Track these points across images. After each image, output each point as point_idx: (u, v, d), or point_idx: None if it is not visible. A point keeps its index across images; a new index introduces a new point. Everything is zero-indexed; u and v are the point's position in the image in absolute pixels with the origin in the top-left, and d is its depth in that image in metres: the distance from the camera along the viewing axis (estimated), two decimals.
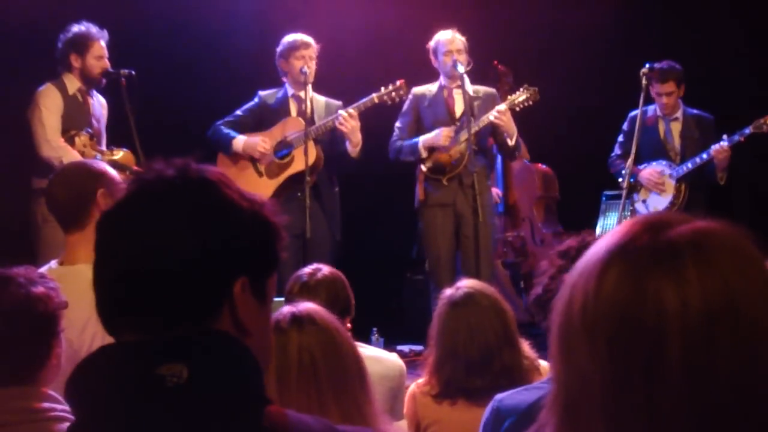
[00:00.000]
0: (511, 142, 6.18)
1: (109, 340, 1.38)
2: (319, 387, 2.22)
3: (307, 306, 2.37)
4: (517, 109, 6.20)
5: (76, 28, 5.78)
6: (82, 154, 5.65)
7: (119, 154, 5.81)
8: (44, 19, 6.18)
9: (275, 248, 1.40)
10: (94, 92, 5.93)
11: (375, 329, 7.07)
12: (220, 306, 1.32)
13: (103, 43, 5.82)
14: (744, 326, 1.02)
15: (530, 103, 6.22)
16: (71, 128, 5.72)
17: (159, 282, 1.29)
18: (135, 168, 5.67)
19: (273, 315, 2.42)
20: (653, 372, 1.02)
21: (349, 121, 5.95)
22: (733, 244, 1.07)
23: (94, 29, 5.80)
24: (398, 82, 6.11)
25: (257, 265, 1.37)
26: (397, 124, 6.37)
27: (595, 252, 1.09)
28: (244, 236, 1.35)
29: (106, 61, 5.82)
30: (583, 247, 2.53)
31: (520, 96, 6.21)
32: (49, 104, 5.69)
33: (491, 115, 6.04)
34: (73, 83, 5.80)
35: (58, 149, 5.59)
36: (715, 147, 6.35)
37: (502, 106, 6.09)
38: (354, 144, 6.04)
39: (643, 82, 6.30)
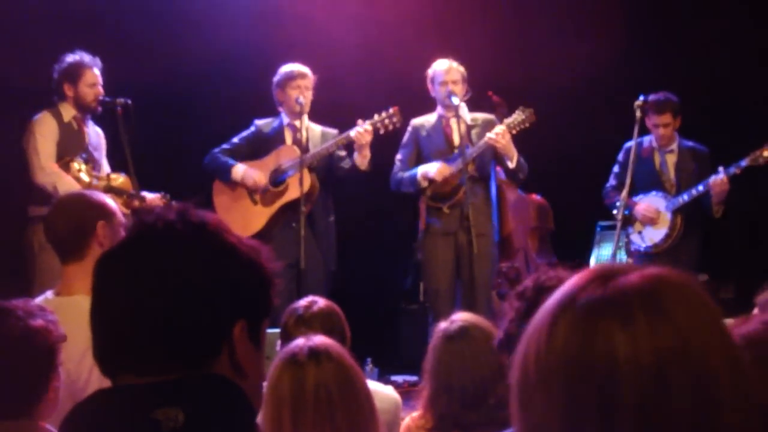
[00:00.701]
0: (511, 165, 6.14)
1: None
2: (334, 423, 2.21)
3: (322, 340, 2.37)
4: (514, 132, 6.13)
5: (70, 58, 5.85)
6: (78, 179, 5.67)
7: (118, 180, 5.83)
8: (40, 50, 6.21)
9: (270, 294, 1.41)
10: (90, 122, 5.96)
11: (369, 359, 7.04)
12: (219, 348, 1.33)
13: (96, 71, 5.86)
14: (696, 371, 1.03)
15: (527, 125, 6.15)
16: (66, 155, 5.75)
17: (160, 324, 1.29)
18: (132, 191, 5.69)
19: (288, 347, 2.42)
20: (608, 418, 1.03)
21: (364, 136, 5.96)
22: (682, 290, 1.09)
23: (87, 58, 5.85)
24: (391, 109, 6.11)
25: (255, 308, 1.38)
26: (398, 156, 6.37)
27: (547, 305, 1.11)
28: (244, 280, 1.36)
29: (100, 88, 5.86)
30: (539, 287, 2.53)
31: (518, 118, 6.15)
32: (44, 131, 5.74)
33: (487, 138, 6.02)
34: (68, 111, 5.85)
35: (52, 175, 5.62)
36: (713, 178, 6.32)
37: (500, 128, 6.05)
38: (363, 156, 6.04)
39: (637, 114, 6.29)
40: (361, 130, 5.98)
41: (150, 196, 5.83)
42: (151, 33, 7.14)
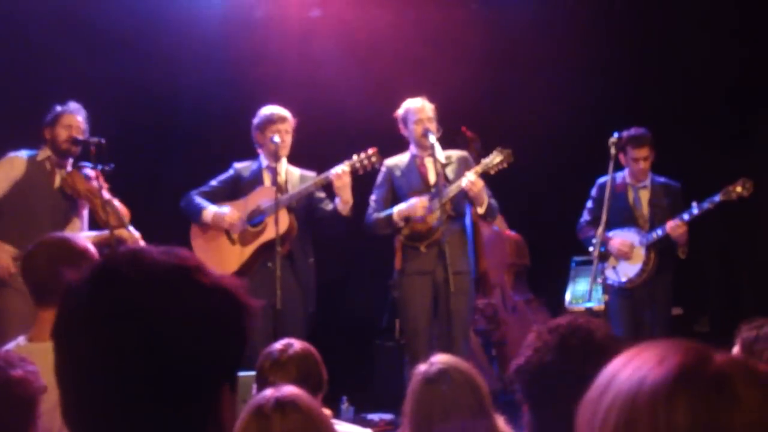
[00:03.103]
0: (481, 211, 6.10)
1: None
2: None
3: (290, 390, 2.33)
4: (492, 172, 6.11)
5: (58, 107, 5.94)
6: (86, 180, 5.74)
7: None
8: (26, 90, 6.22)
9: (245, 349, 1.36)
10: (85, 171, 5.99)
11: (345, 397, 7.00)
12: (208, 407, 1.29)
13: (79, 118, 5.93)
14: None
15: (505, 165, 6.11)
16: (31, 192, 5.82)
17: (134, 385, 1.25)
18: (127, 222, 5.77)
19: (255, 398, 2.38)
20: None
21: (342, 177, 5.92)
22: (756, 370, 1.18)
23: (72, 106, 5.94)
24: (370, 150, 6.07)
25: (237, 367, 1.35)
26: (372, 197, 6.30)
27: (653, 377, 1.15)
28: (231, 341, 1.31)
29: (74, 131, 5.89)
30: (576, 328, 2.53)
31: (495, 158, 6.10)
32: (6, 168, 5.85)
33: (462, 182, 5.98)
34: (44, 153, 5.95)
35: None
36: (670, 224, 6.40)
37: (472, 176, 6.00)
38: (344, 201, 5.99)
39: (612, 151, 6.30)
40: (339, 171, 5.94)
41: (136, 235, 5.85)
42: (128, 71, 7.12)
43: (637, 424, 1.14)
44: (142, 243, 5.82)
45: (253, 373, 3.52)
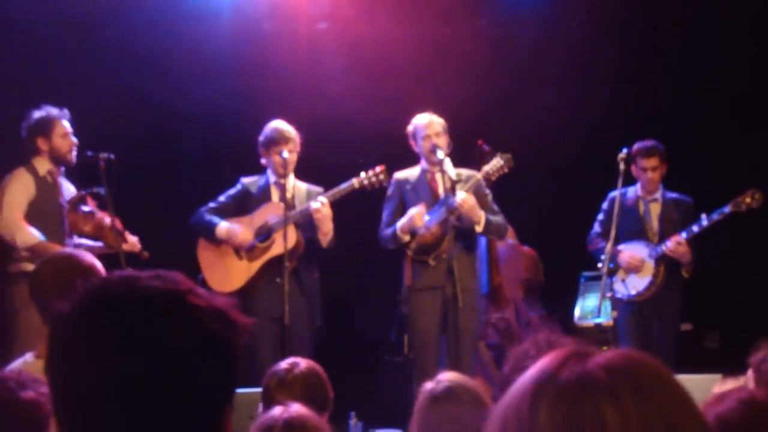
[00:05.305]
0: (479, 229, 6.05)
1: None
2: None
3: (298, 411, 2.32)
4: (493, 178, 6.10)
5: (36, 114, 5.89)
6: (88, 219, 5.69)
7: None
8: (19, 103, 6.22)
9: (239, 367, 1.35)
10: (63, 178, 5.96)
11: (353, 413, 6.96)
12: (214, 428, 1.29)
13: (65, 123, 5.91)
14: None
15: (506, 170, 6.10)
16: (42, 208, 5.78)
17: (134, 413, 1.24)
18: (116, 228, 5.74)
19: (263, 418, 2.37)
20: None
21: (320, 210, 5.89)
22: (657, 370, 1.09)
23: (54, 111, 5.91)
24: (378, 168, 6.05)
25: (236, 385, 1.34)
26: (384, 211, 6.28)
27: (523, 383, 1.08)
28: (229, 361, 1.31)
29: (72, 138, 5.91)
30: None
31: (496, 164, 6.09)
32: (17, 186, 5.80)
33: (456, 201, 5.92)
34: (42, 165, 5.90)
35: (12, 226, 5.66)
36: (667, 243, 6.37)
37: (463, 194, 5.94)
38: (323, 233, 5.97)
39: (621, 166, 6.31)
40: (319, 205, 5.91)
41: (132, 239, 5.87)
42: (136, 86, 7.14)
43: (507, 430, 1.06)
44: (138, 246, 5.92)
45: (259, 389, 3.51)
